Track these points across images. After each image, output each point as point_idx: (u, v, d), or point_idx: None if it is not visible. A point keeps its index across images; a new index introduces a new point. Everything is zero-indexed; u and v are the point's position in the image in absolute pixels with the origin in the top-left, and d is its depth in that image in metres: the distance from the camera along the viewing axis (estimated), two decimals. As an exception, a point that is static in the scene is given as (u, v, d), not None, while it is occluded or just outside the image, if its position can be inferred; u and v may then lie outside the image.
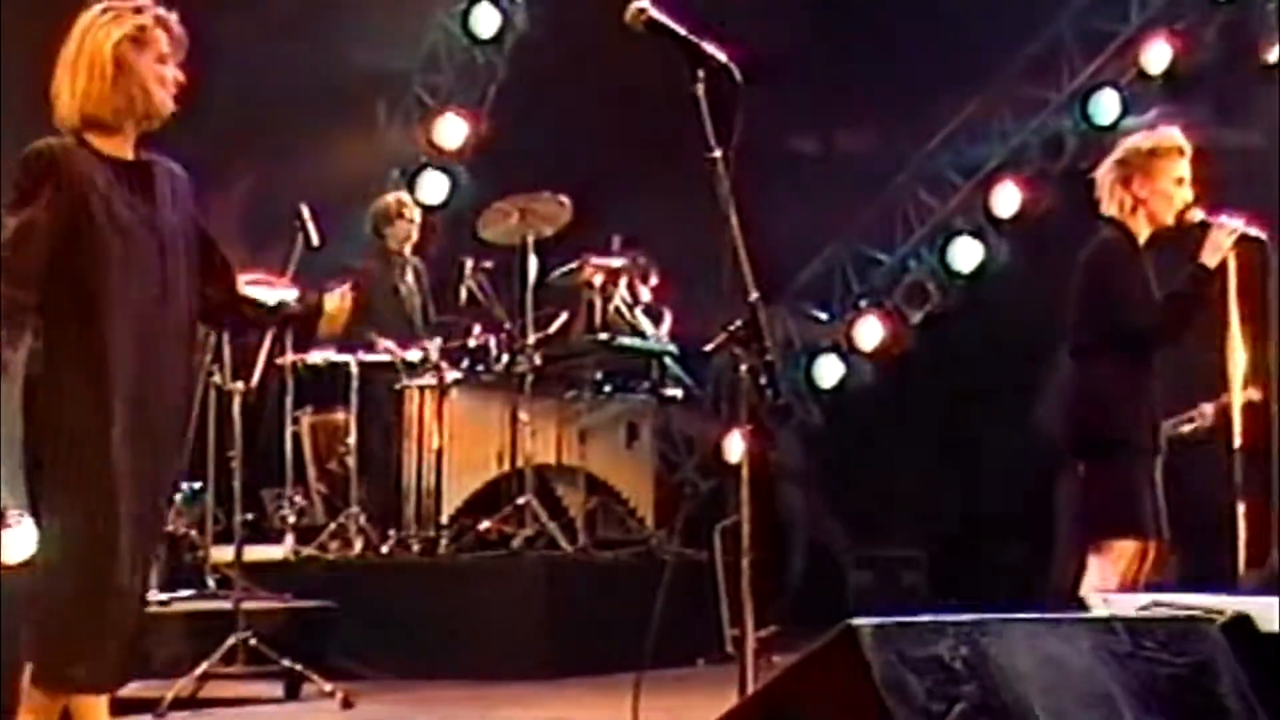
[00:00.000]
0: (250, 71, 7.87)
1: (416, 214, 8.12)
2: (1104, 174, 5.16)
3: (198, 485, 7.07)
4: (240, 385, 6.37)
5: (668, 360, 7.96)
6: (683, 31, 3.88)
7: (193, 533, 6.93)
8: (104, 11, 3.86)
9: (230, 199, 7.78)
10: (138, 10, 3.87)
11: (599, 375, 7.79)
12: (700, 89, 3.83)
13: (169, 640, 5.86)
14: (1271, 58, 8.55)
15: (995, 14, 8.92)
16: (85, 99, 3.82)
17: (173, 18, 3.91)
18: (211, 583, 6.58)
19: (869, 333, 9.62)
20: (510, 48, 9.27)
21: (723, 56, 3.86)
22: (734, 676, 3.82)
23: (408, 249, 8.09)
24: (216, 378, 6.42)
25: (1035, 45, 9.28)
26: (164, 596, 6.18)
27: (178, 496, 7.13)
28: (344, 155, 8.56)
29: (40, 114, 3.95)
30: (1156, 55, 8.95)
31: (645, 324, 7.81)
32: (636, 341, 7.76)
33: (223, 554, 6.55)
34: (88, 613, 3.74)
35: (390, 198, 8.33)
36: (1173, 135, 5.18)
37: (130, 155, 3.89)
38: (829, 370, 9.69)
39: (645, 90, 5.09)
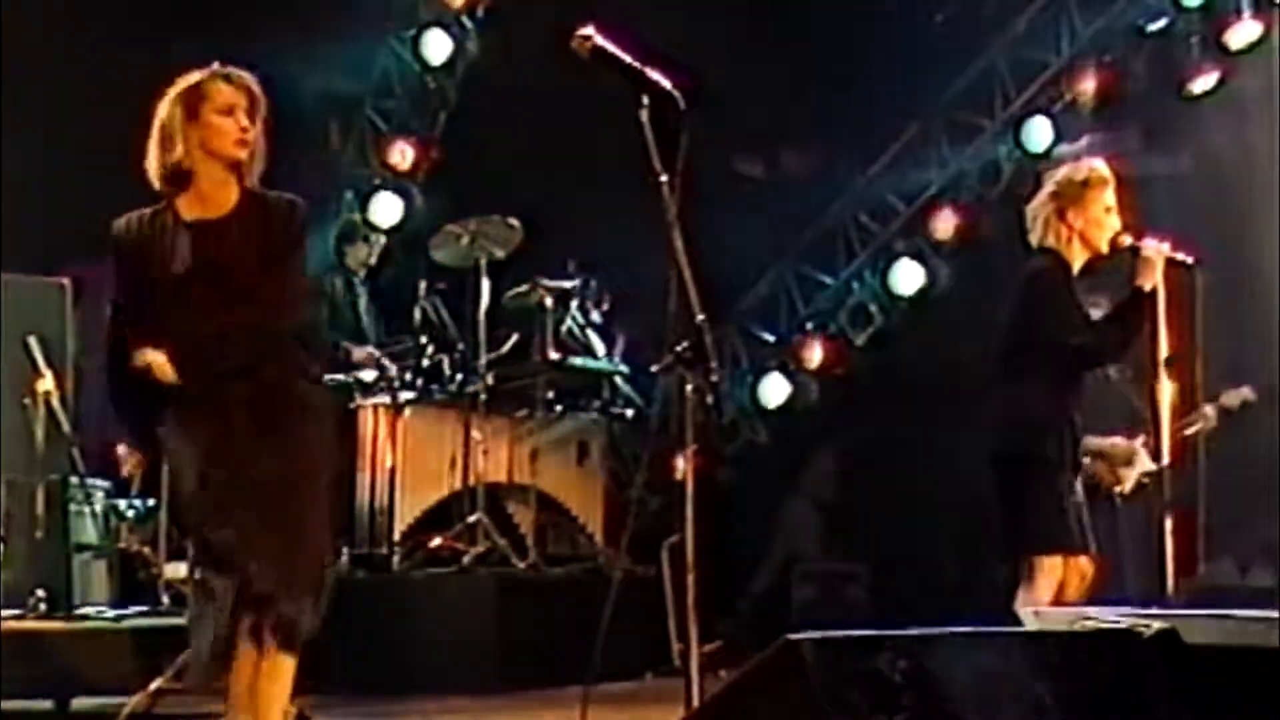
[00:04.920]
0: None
1: (378, 238, 8.21)
2: (1038, 206, 5.28)
3: (151, 502, 7.11)
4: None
5: (617, 380, 8.07)
6: (627, 59, 3.98)
7: (145, 549, 6.94)
8: None
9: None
10: None
11: (550, 395, 7.84)
12: (645, 114, 3.94)
13: (122, 656, 5.90)
14: (1196, 88, 8.75)
15: (932, 43, 9.09)
16: None
17: None
18: (165, 599, 6.62)
19: (814, 354, 9.69)
20: (461, 74, 9.31)
21: (666, 83, 3.97)
22: (681, 691, 3.92)
23: (363, 270, 8.17)
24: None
25: (970, 74, 9.36)
26: (117, 613, 6.22)
27: (130, 513, 7.18)
28: (298, 177, 8.58)
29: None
30: (1086, 84, 9.01)
31: (596, 344, 7.91)
32: (587, 361, 7.87)
33: (176, 570, 6.58)
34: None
35: (354, 217, 8.42)
36: (1101, 166, 5.35)
37: None
38: (775, 390, 9.79)
39: (595, 115, 5.17)
